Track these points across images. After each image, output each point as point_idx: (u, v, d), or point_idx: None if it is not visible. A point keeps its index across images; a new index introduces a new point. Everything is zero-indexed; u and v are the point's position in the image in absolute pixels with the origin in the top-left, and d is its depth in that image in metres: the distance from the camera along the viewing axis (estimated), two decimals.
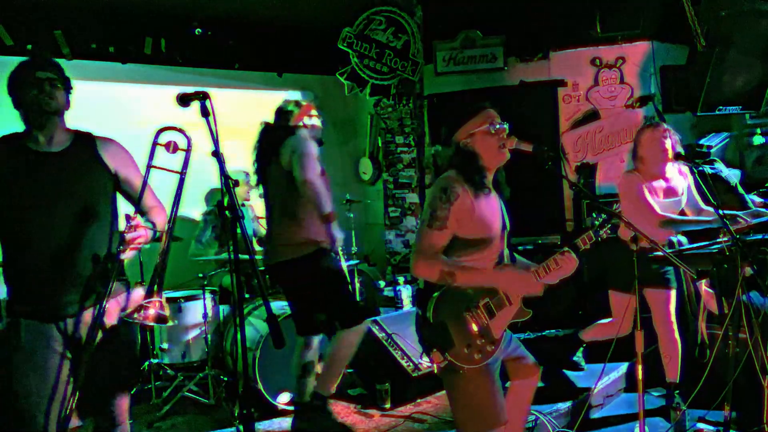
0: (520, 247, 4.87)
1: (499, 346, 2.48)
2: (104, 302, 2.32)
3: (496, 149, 2.49)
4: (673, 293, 3.72)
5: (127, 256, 2.39)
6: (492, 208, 2.51)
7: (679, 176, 3.76)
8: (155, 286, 2.31)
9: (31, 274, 2.36)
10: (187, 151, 2.47)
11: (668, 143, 3.59)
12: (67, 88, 2.46)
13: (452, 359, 2.40)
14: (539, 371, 2.80)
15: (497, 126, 2.50)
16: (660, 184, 3.69)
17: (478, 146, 2.49)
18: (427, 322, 2.45)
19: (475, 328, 2.41)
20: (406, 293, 5.71)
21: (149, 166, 2.47)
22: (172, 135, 2.47)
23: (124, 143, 2.70)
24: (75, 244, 2.37)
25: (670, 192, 3.70)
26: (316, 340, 3.70)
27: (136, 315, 2.27)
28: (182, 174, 2.45)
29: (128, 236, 2.35)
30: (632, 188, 3.66)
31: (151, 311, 2.27)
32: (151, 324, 2.30)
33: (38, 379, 2.31)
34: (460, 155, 2.50)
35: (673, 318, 3.71)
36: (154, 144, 2.47)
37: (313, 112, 3.78)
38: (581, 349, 4.41)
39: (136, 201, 2.57)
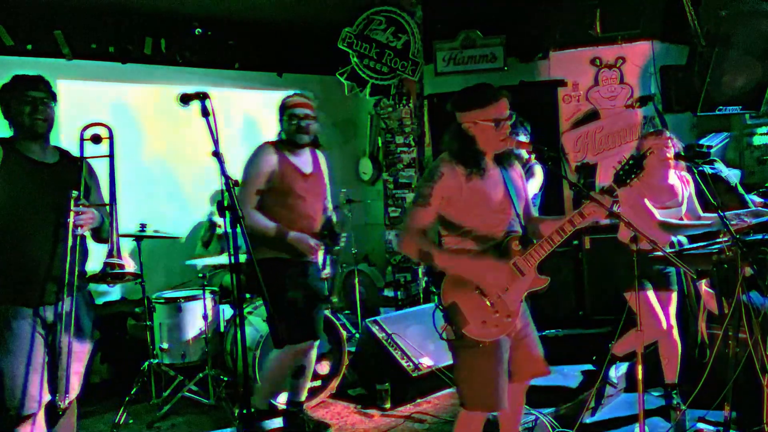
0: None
1: (516, 318, 2.52)
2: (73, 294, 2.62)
3: (496, 141, 2.53)
4: (675, 295, 3.72)
5: (79, 232, 2.65)
6: (491, 184, 2.53)
7: (680, 183, 3.76)
8: (114, 248, 2.69)
9: (18, 266, 2.60)
10: (110, 138, 2.83)
11: (671, 151, 3.59)
12: (55, 101, 2.75)
13: (470, 335, 2.44)
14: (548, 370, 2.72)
15: (503, 123, 2.52)
16: (661, 190, 3.68)
17: (478, 134, 2.52)
18: (439, 306, 2.50)
19: (488, 303, 2.44)
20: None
21: (81, 158, 2.78)
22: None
23: (123, 142, 2.88)
24: (56, 241, 2.62)
25: (671, 199, 3.69)
26: (306, 345, 3.59)
27: (108, 269, 2.63)
28: (111, 157, 2.82)
29: (74, 211, 2.62)
30: (631, 194, 3.65)
31: (117, 266, 2.66)
32: (119, 273, 2.70)
33: (24, 358, 2.55)
34: (457, 137, 2.54)
35: (674, 320, 3.71)
36: (82, 140, 2.79)
37: (299, 106, 3.54)
38: (614, 365, 4.05)
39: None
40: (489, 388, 2.48)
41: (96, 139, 2.78)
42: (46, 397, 2.62)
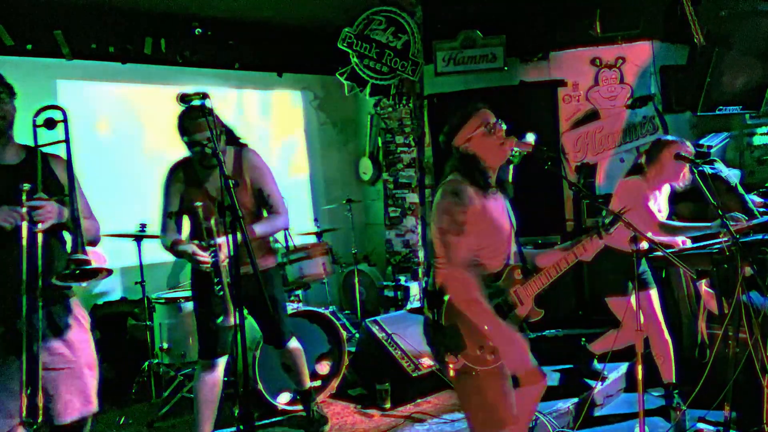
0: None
1: None
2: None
3: (497, 148, 2.48)
4: (653, 293, 3.73)
5: (39, 228, 2.31)
6: (499, 208, 2.52)
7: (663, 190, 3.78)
8: (78, 243, 2.30)
9: None
10: (65, 121, 2.49)
11: (687, 167, 3.59)
12: (12, 95, 2.41)
13: (465, 361, 2.40)
14: (545, 379, 2.75)
15: (493, 126, 2.47)
16: (655, 196, 3.69)
17: (477, 149, 2.48)
18: (438, 326, 2.44)
19: (487, 329, 2.40)
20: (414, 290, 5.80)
21: (36, 146, 2.46)
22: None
23: (123, 142, 2.76)
24: (25, 253, 2.30)
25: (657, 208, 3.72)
26: (288, 344, 3.59)
27: (67, 271, 2.26)
28: (66, 142, 2.47)
29: (27, 206, 2.29)
30: (636, 194, 3.63)
31: (82, 262, 2.27)
32: (86, 274, 2.30)
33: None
34: (462, 160, 2.50)
35: (661, 318, 3.71)
36: (35, 126, 2.47)
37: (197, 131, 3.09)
38: (595, 359, 4.22)
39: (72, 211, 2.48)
40: (500, 409, 2.44)
41: (50, 124, 2.47)
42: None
